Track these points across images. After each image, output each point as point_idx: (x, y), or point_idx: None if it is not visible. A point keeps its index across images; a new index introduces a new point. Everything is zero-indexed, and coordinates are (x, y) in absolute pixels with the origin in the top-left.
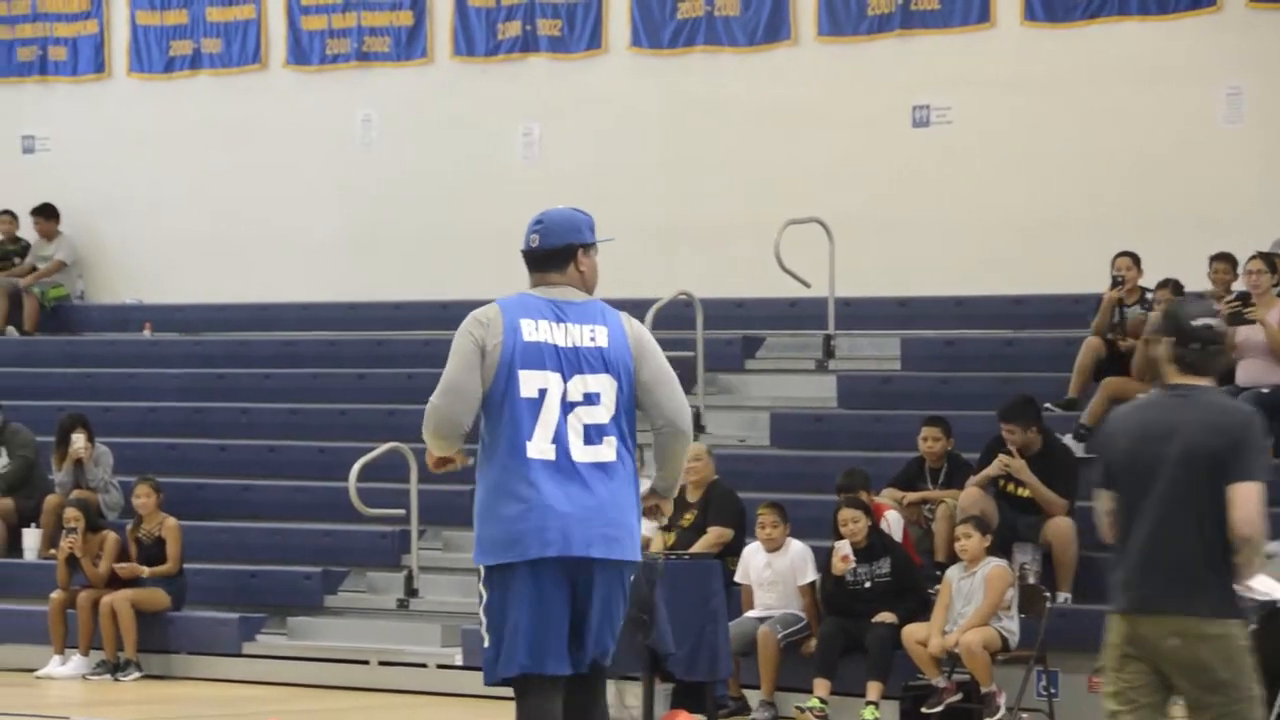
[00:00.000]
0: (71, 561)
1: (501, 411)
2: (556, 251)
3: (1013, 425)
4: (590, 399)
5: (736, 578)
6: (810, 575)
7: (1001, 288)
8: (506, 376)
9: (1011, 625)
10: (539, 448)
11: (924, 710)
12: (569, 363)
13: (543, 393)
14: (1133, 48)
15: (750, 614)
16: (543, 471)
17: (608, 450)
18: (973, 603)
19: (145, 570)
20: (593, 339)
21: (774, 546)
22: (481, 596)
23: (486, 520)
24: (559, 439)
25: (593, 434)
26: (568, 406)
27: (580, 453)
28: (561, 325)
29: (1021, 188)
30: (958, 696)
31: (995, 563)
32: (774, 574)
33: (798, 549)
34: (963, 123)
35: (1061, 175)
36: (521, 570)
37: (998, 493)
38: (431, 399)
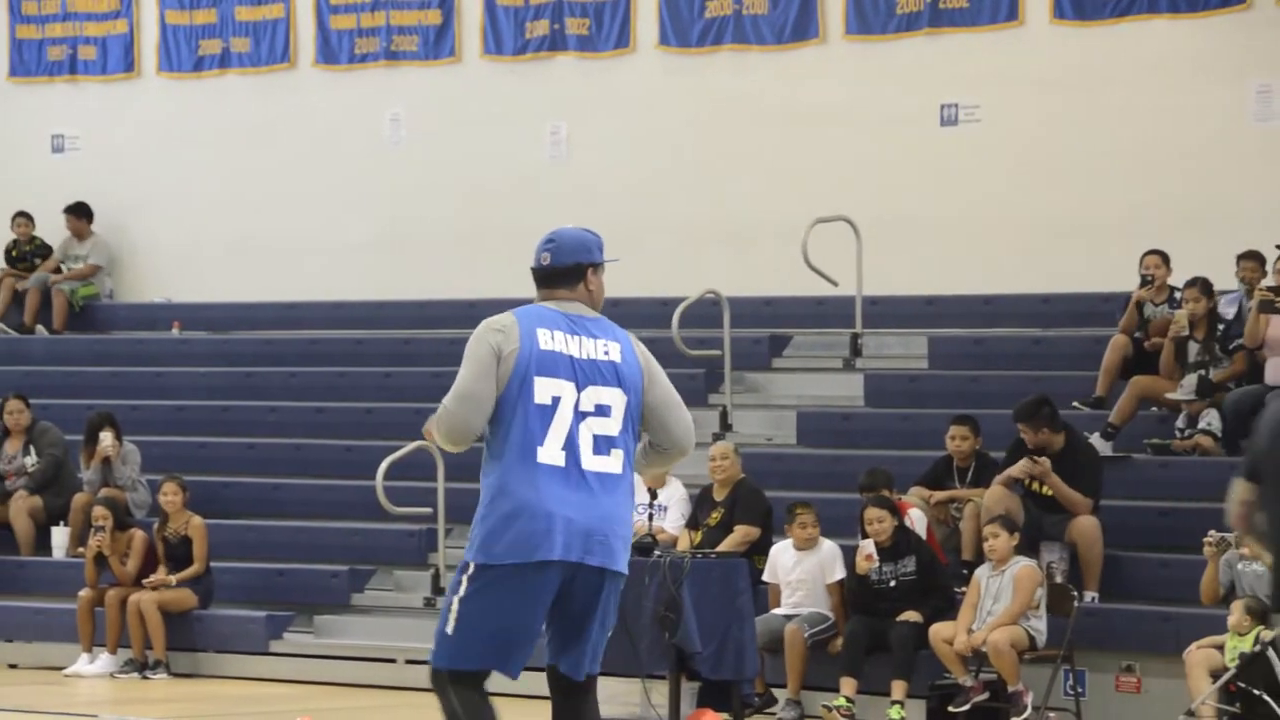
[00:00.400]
0: (99, 560)
1: (514, 416)
2: (567, 270)
3: (1025, 426)
4: (602, 410)
5: (765, 576)
6: (839, 574)
7: (1030, 286)
8: (521, 382)
9: (1039, 625)
10: (550, 453)
11: (951, 709)
12: (583, 373)
13: (556, 400)
14: (1162, 46)
15: (777, 611)
16: (552, 477)
17: (615, 462)
18: (1001, 601)
19: (173, 580)
20: (606, 353)
21: (807, 545)
22: (460, 586)
23: (489, 520)
24: (570, 446)
25: (602, 445)
26: (580, 415)
27: (589, 462)
28: (576, 338)
29: (1050, 186)
30: (984, 696)
31: (1024, 562)
32: (803, 572)
33: (828, 548)
34: (991, 121)
35: (1090, 173)
36: (514, 571)
37: (1024, 491)
38: (445, 402)
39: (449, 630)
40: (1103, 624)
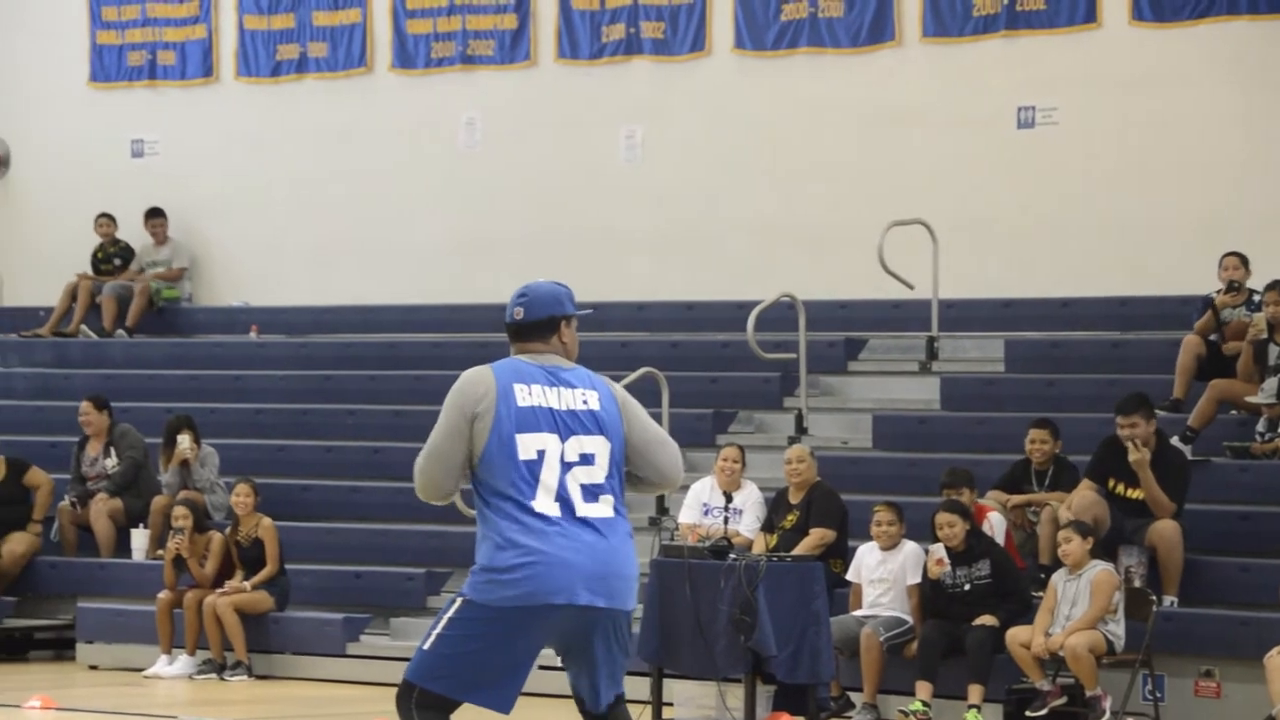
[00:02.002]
0: (178, 562)
1: (503, 473)
2: (541, 323)
3: (1135, 417)
4: (586, 459)
5: (848, 575)
6: (917, 577)
7: (1107, 289)
8: (504, 440)
9: (1117, 629)
10: (545, 505)
11: (1028, 714)
12: (564, 425)
13: (541, 454)
14: (1241, 47)
15: (856, 613)
16: (551, 526)
17: (605, 508)
18: (1079, 606)
19: (248, 585)
20: (585, 402)
21: (889, 544)
22: (451, 609)
23: (494, 568)
24: (562, 497)
25: (589, 493)
26: (566, 466)
27: (583, 509)
28: (555, 389)
29: (1127, 188)
30: (1062, 700)
31: (1102, 566)
32: (885, 572)
33: (911, 549)
34: (1068, 124)
35: (1168, 176)
36: (512, 614)
37: (1107, 494)
38: (418, 459)
39: (426, 648)
40: (1182, 628)
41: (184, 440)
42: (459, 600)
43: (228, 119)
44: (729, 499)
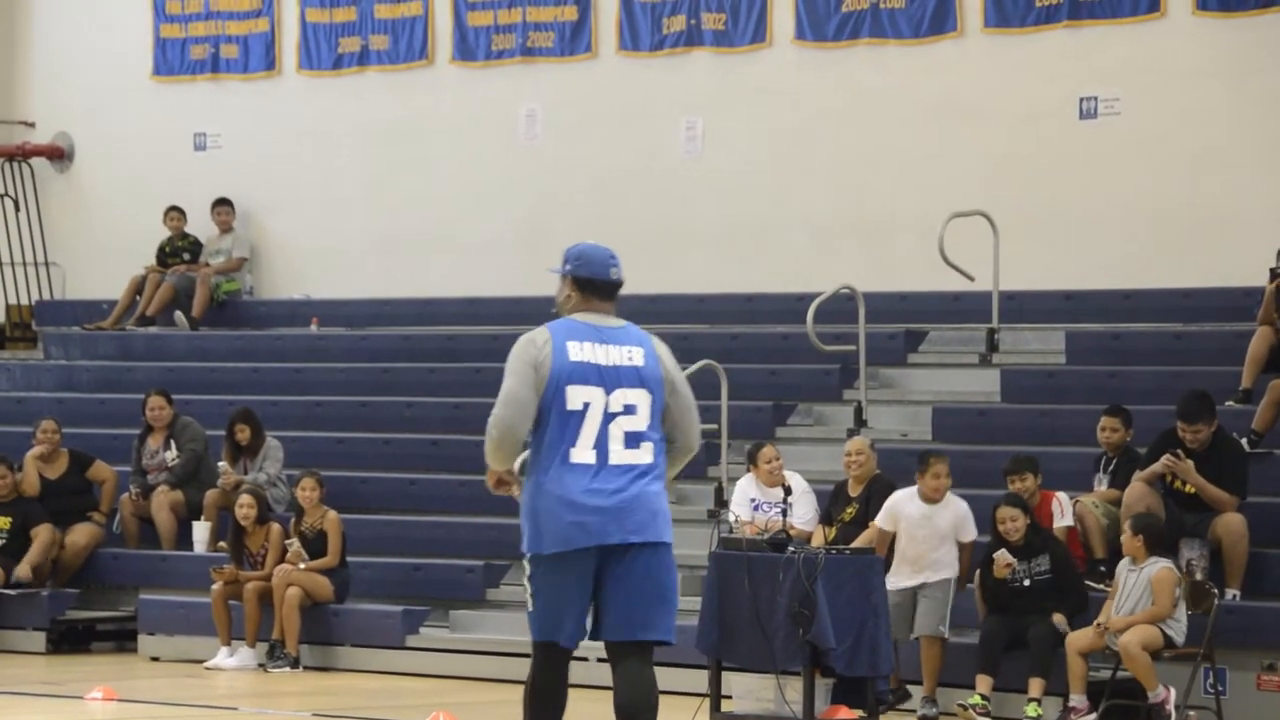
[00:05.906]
0: (236, 555)
1: (550, 422)
2: (617, 285)
3: (1199, 424)
4: (629, 409)
5: (879, 522)
6: (971, 534)
7: (1170, 281)
8: (555, 391)
9: (1178, 626)
10: (581, 454)
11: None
12: (610, 379)
13: (586, 405)
14: None
15: (908, 583)
16: (584, 474)
17: (645, 454)
18: (1135, 599)
19: (303, 565)
20: (630, 359)
21: (939, 497)
22: (526, 570)
23: (532, 517)
24: (600, 445)
25: (631, 440)
26: (609, 417)
27: (618, 456)
28: (603, 346)
29: (1190, 179)
30: (1090, 717)
31: (1162, 564)
32: (932, 529)
33: (959, 504)
34: (1131, 114)
35: (1231, 166)
36: (559, 559)
37: (1165, 489)
38: (494, 410)
39: (529, 609)
40: (1244, 622)
41: (243, 433)
42: (527, 559)
43: (290, 112)
44: (788, 492)
